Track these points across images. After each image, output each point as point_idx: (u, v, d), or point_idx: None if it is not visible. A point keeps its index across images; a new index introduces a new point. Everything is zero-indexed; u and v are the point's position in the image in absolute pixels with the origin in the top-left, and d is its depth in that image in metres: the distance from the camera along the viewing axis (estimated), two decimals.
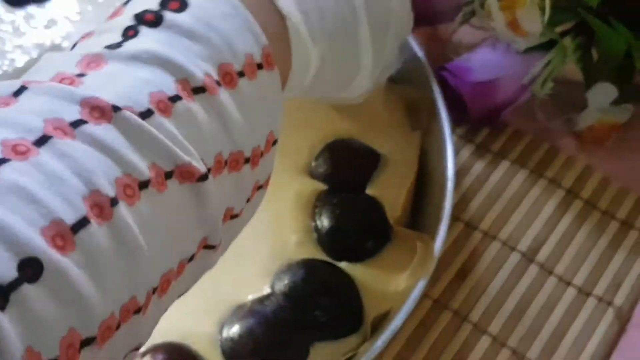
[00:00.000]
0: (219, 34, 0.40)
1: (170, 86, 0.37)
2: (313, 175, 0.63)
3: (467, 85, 0.67)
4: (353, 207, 0.61)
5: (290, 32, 0.46)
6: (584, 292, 0.63)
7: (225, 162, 0.40)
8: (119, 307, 0.33)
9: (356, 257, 0.60)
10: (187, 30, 0.40)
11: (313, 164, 0.64)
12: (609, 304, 0.62)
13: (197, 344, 0.55)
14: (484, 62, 0.68)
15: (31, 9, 0.69)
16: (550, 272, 0.64)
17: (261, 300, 0.57)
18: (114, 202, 0.33)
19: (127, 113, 0.35)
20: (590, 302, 0.62)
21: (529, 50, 0.67)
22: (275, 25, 0.45)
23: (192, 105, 0.38)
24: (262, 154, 0.43)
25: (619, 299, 0.62)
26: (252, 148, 0.42)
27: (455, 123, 0.69)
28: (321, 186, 0.63)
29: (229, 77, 0.40)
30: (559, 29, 0.68)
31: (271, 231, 0.61)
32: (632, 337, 0.60)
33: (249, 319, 0.55)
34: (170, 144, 0.36)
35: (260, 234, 0.61)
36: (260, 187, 0.45)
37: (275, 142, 0.45)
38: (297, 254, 0.59)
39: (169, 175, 0.36)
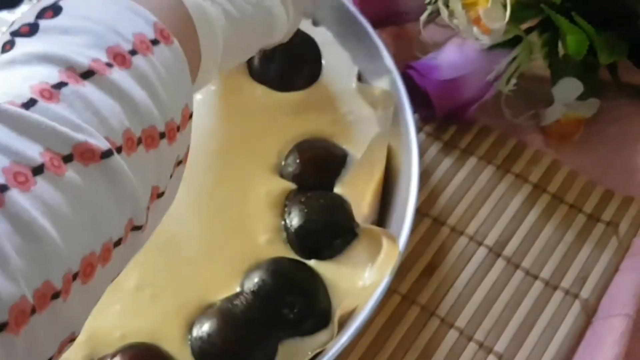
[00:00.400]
0: (99, 23, 0.41)
1: (53, 76, 0.38)
2: (282, 175, 0.64)
3: (433, 84, 0.67)
4: (320, 206, 0.62)
5: (193, 15, 0.47)
6: (551, 286, 0.63)
7: (139, 139, 0.40)
8: (31, 291, 0.33)
9: (324, 254, 0.60)
10: (64, 28, 0.40)
11: (282, 163, 0.65)
12: (576, 296, 0.63)
13: (167, 344, 0.56)
14: (449, 60, 0.68)
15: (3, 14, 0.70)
16: (517, 266, 0.64)
17: (230, 299, 0.57)
18: (3, 188, 0.33)
19: (6, 106, 0.35)
20: (557, 295, 0.63)
21: (493, 47, 0.68)
22: (177, 10, 0.46)
23: (81, 88, 0.38)
24: (178, 129, 0.43)
25: (586, 292, 0.63)
26: (166, 122, 0.42)
27: (423, 120, 0.70)
28: (290, 185, 0.63)
29: (120, 57, 0.40)
30: (524, 26, 0.69)
31: (241, 231, 0.61)
32: (598, 329, 0.61)
33: (219, 318, 0.56)
34: (60, 126, 0.36)
35: (229, 234, 0.61)
36: (180, 162, 0.45)
37: (191, 116, 0.45)
38: (266, 254, 0.60)
39: (68, 158, 0.36)
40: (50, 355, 0.36)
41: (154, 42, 0.42)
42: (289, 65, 0.68)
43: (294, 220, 0.61)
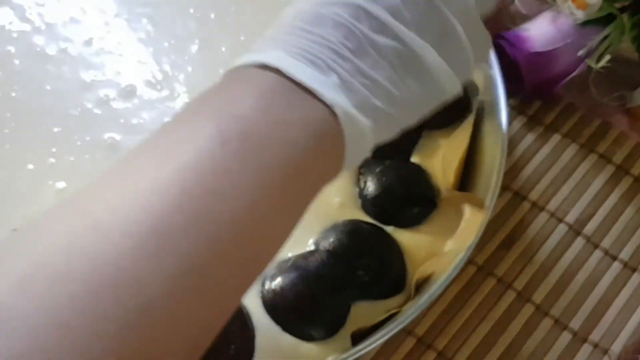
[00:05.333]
0: None
1: None
2: None
3: (523, 54, 0.67)
4: (399, 175, 0.61)
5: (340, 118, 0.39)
6: (630, 267, 0.63)
7: None
8: None
9: (402, 223, 0.60)
10: None
11: None
12: None
13: None
14: (541, 32, 0.67)
15: None
16: (597, 246, 0.64)
17: (305, 256, 0.57)
18: None
19: None
20: (636, 278, 0.62)
21: (587, 23, 0.67)
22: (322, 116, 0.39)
23: None
24: None
25: None
26: None
27: (508, 93, 0.69)
28: None
29: None
30: (618, 4, 0.68)
31: None
32: None
33: (292, 272, 0.56)
34: None
35: None
36: None
37: None
38: (341, 216, 0.60)
39: None
40: None
41: None
42: None
43: (370, 188, 0.60)
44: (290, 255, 0.57)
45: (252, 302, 0.55)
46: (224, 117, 0.36)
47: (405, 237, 0.59)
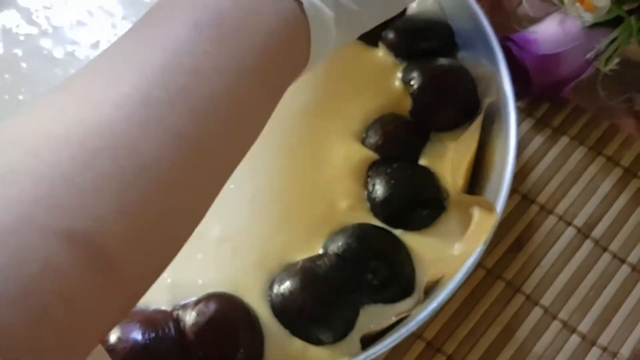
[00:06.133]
0: None
1: None
2: (365, 144, 0.63)
3: (532, 57, 0.66)
4: (407, 177, 0.61)
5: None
6: (638, 270, 0.63)
7: None
8: None
9: (410, 226, 0.60)
10: None
11: (364, 134, 0.64)
12: None
13: (246, 298, 0.56)
14: (549, 35, 0.67)
15: None
16: (605, 249, 0.63)
17: (313, 259, 0.57)
18: None
19: None
20: None
21: (595, 25, 0.66)
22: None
23: None
24: None
25: None
26: None
27: (516, 96, 0.69)
28: (373, 155, 0.62)
29: None
30: (626, 7, 0.68)
31: (322, 195, 0.61)
32: None
33: (301, 276, 0.56)
34: None
35: (311, 196, 0.61)
36: None
37: None
38: (349, 220, 0.59)
39: None
40: None
41: None
42: None
43: (379, 191, 0.60)
44: (298, 259, 0.57)
45: (261, 306, 0.55)
46: (199, 7, 0.39)
47: (414, 240, 0.59)
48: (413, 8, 0.68)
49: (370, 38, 0.67)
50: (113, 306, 0.34)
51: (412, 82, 0.64)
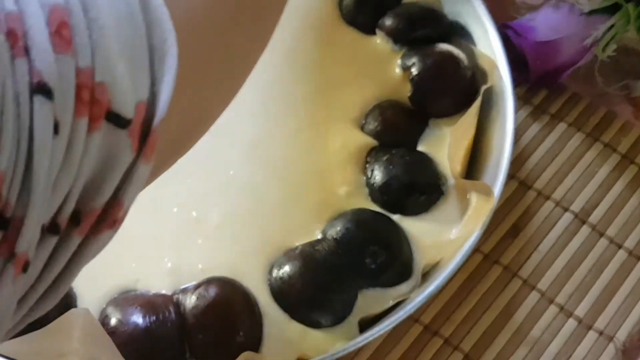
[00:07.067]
0: None
1: None
2: (363, 130, 0.64)
3: (529, 44, 0.67)
4: (405, 163, 0.61)
5: None
6: (634, 255, 0.63)
7: None
8: None
9: (408, 211, 0.60)
10: None
11: (363, 121, 0.64)
12: None
13: (246, 282, 0.56)
14: (547, 22, 0.67)
15: None
16: (602, 234, 0.64)
17: (312, 244, 0.57)
18: None
19: None
20: None
21: (592, 12, 0.67)
22: None
23: None
24: None
25: None
26: None
27: (514, 83, 0.69)
28: (372, 141, 0.63)
29: None
30: None
31: (320, 181, 0.61)
32: None
33: (300, 261, 0.56)
34: None
35: (309, 182, 0.61)
36: None
37: None
38: (348, 205, 0.60)
39: None
40: None
41: None
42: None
43: (378, 177, 0.61)
44: (297, 243, 0.58)
45: (260, 290, 0.56)
46: None
47: (412, 225, 0.59)
48: None
49: (368, 26, 0.68)
50: None
51: (412, 68, 0.64)
